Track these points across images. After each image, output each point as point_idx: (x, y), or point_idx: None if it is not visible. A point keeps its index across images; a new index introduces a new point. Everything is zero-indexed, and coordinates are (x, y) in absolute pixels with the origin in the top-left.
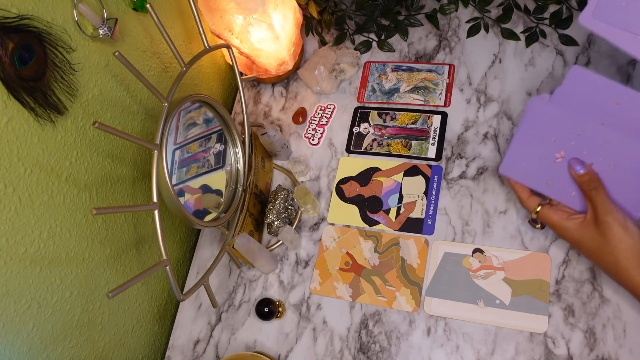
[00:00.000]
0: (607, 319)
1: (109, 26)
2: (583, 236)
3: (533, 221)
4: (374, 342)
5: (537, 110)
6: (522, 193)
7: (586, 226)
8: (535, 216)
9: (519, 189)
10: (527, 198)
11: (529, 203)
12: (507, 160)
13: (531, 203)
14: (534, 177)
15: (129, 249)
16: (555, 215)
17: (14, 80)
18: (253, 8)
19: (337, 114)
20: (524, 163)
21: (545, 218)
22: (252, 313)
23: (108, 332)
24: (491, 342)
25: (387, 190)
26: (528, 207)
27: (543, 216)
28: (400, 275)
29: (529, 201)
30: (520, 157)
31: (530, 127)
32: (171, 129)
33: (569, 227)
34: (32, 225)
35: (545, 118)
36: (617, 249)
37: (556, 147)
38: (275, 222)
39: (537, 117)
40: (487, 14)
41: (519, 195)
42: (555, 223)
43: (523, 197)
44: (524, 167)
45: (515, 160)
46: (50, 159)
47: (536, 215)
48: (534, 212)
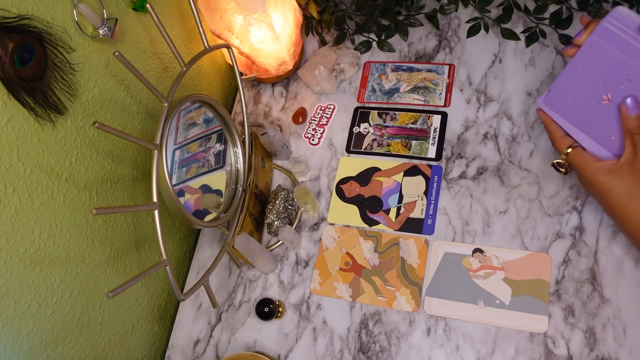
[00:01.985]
0: (607, 319)
1: (109, 26)
2: (614, 179)
3: (558, 165)
4: (374, 342)
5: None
6: (557, 131)
7: (620, 169)
8: (564, 158)
9: (554, 128)
10: (561, 137)
11: (562, 141)
12: (552, 94)
13: (564, 142)
14: (576, 114)
15: (129, 249)
16: (587, 156)
17: (14, 80)
18: (253, 8)
19: (337, 114)
20: (569, 99)
21: (576, 158)
22: (252, 313)
23: (108, 332)
24: (491, 342)
25: (387, 190)
26: (560, 145)
27: (574, 157)
28: (400, 275)
29: (562, 140)
30: (565, 93)
31: (581, 63)
32: (171, 129)
33: (601, 167)
34: (32, 225)
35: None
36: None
37: (604, 89)
38: (275, 222)
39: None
40: (487, 14)
41: (553, 133)
42: (586, 163)
43: (557, 135)
44: (568, 104)
45: (559, 96)
46: (50, 159)
47: (565, 157)
48: (564, 153)
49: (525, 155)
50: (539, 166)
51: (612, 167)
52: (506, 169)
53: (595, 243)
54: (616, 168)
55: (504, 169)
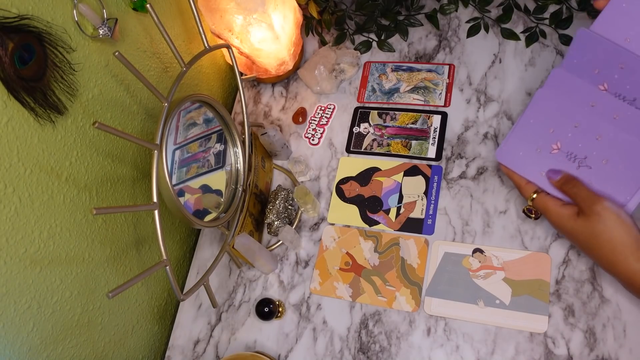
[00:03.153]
0: (607, 319)
1: (109, 26)
2: (577, 225)
3: (528, 211)
4: (374, 342)
5: (542, 99)
6: (520, 180)
7: (579, 218)
8: (531, 204)
9: (516, 176)
10: (525, 184)
11: (526, 189)
12: (505, 147)
13: (528, 189)
14: (529, 166)
15: (129, 249)
16: (551, 201)
17: (14, 80)
18: (253, 8)
19: (337, 114)
20: (521, 152)
21: (541, 204)
22: (252, 313)
23: (108, 332)
24: (491, 342)
25: (387, 190)
26: (525, 193)
27: (539, 202)
28: (400, 275)
29: (526, 187)
30: (518, 146)
31: (532, 115)
32: (171, 129)
33: (564, 214)
34: (32, 225)
35: (548, 108)
36: (613, 234)
37: (554, 138)
38: (275, 222)
39: (541, 106)
40: (487, 14)
41: (517, 182)
42: (551, 209)
43: (521, 183)
44: (520, 156)
45: (513, 148)
46: (50, 159)
47: (532, 202)
48: (530, 198)
49: None
50: None
51: (574, 216)
52: None
53: None
54: (576, 217)
55: None
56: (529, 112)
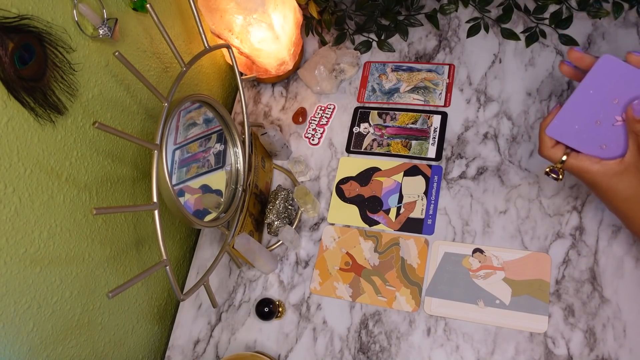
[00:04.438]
0: (607, 319)
1: (109, 26)
2: (620, 181)
3: (552, 172)
4: (374, 342)
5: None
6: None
7: (625, 170)
8: (561, 166)
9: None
10: (553, 146)
11: (554, 152)
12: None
13: (557, 151)
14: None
15: (129, 249)
16: (586, 161)
17: (14, 80)
18: (253, 8)
19: (337, 114)
20: (577, 125)
21: (573, 164)
22: (252, 313)
23: (108, 332)
24: (491, 342)
25: (387, 190)
26: (552, 156)
27: (572, 163)
28: (400, 275)
29: (554, 149)
30: (574, 118)
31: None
32: (171, 129)
33: (604, 171)
34: (32, 225)
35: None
36: None
37: (619, 109)
38: (275, 222)
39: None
40: (487, 14)
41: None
42: (586, 167)
43: (549, 145)
44: (576, 130)
45: (567, 121)
46: (50, 159)
47: (562, 165)
48: (559, 161)
49: (525, 155)
50: (539, 166)
51: (616, 169)
52: (506, 169)
53: (595, 243)
54: (620, 170)
55: (504, 169)
56: (588, 81)
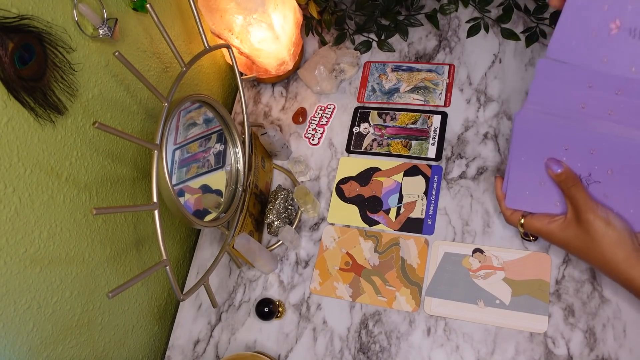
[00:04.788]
0: (607, 319)
1: (109, 26)
2: (567, 236)
3: (525, 235)
4: (374, 342)
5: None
6: (506, 210)
7: (568, 226)
8: (522, 229)
9: (503, 207)
10: (511, 214)
11: (512, 219)
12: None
13: (515, 218)
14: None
15: (129, 249)
16: (537, 222)
17: (14, 80)
18: (253, 8)
19: (337, 114)
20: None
21: (529, 227)
22: (252, 313)
23: (108, 332)
24: (491, 342)
25: (387, 190)
26: (513, 221)
27: (528, 226)
28: (400, 275)
29: (512, 217)
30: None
31: (520, 153)
32: (171, 129)
33: (553, 230)
34: (32, 225)
35: (533, 134)
36: (602, 244)
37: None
38: (275, 222)
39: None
40: (487, 14)
41: (503, 212)
42: (539, 229)
43: (507, 213)
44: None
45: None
46: (50, 159)
47: (522, 228)
48: (519, 225)
49: None
50: None
51: (562, 225)
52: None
53: None
54: (565, 226)
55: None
56: (515, 151)
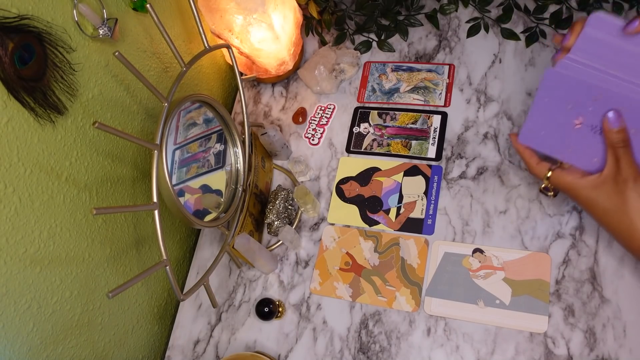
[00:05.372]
0: (607, 319)
1: (109, 26)
2: (599, 194)
3: (545, 189)
4: (374, 342)
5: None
6: (531, 159)
7: (603, 183)
8: (547, 182)
9: (527, 156)
10: (537, 164)
11: (539, 169)
12: (526, 130)
13: (541, 168)
14: (555, 144)
15: (129, 249)
16: (568, 176)
17: (14, 80)
18: (253, 8)
19: (337, 114)
20: (543, 131)
21: (557, 181)
22: (252, 313)
23: (108, 332)
24: (491, 342)
25: (387, 190)
26: (538, 173)
27: (555, 179)
28: (400, 275)
29: (538, 167)
30: (539, 126)
31: (545, 95)
32: (171, 129)
33: (584, 185)
34: (32, 225)
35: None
36: (633, 209)
37: (574, 114)
38: (275, 222)
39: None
40: (487, 14)
41: (528, 162)
42: (569, 183)
43: (532, 163)
44: (544, 135)
45: (534, 129)
46: (50, 159)
47: (547, 181)
48: (545, 177)
49: None
50: None
51: (595, 182)
52: (506, 169)
53: (595, 243)
54: (599, 183)
55: (504, 169)
56: (542, 92)
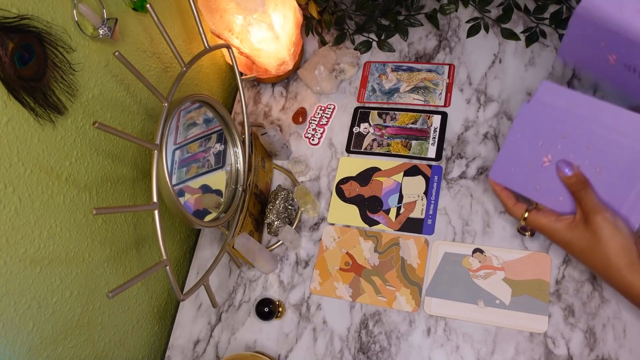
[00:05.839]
0: (607, 319)
1: (109, 26)
2: (573, 237)
3: (522, 229)
4: (374, 342)
5: (526, 114)
6: (508, 201)
7: (575, 226)
8: (524, 223)
9: (504, 197)
10: (514, 205)
11: (515, 210)
12: (497, 166)
13: (518, 210)
14: (522, 182)
15: (129, 249)
16: (544, 219)
17: (14, 80)
18: (253, 8)
19: (337, 114)
20: (513, 169)
21: (533, 223)
22: (252, 313)
23: (108, 332)
24: (491, 342)
25: (387, 190)
26: (515, 214)
27: (531, 221)
28: (400, 275)
29: (515, 208)
30: (509, 163)
31: (519, 131)
32: (171, 129)
33: (558, 228)
34: (32, 225)
35: (534, 122)
36: (607, 247)
37: (544, 151)
38: (275, 222)
39: (527, 121)
40: (487, 14)
41: (505, 204)
42: (544, 226)
43: (509, 204)
44: (513, 173)
45: (504, 166)
46: (50, 159)
47: (524, 221)
48: (522, 218)
49: None
50: None
51: (569, 225)
52: None
53: None
54: (572, 226)
55: None
56: (516, 127)
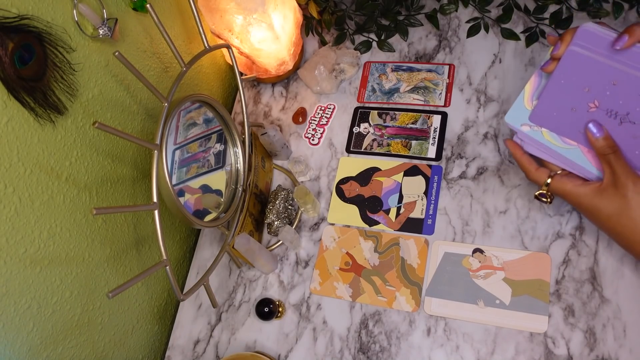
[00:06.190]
0: (607, 319)
1: (109, 26)
2: (601, 201)
3: (540, 196)
4: (374, 342)
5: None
6: (530, 166)
7: (604, 190)
8: (546, 189)
9: (525, 162)
10: (536, 170)
11: (537, 175)
12: (538, 109)
13: (540, 175)
14: (567, 125)
15: (129, 249)
16: (569, 183)
17: (14, 80)
18: (253, 8)
19: (337, 114)
20: (555, 113)
21: (557, 188)
22: (252, 313)
23: (108, 332)
24: (491, 342)
25: (387, 190)
26: (537, 179)
27: (555, 186)
28: (400, 275)
29: (537, 173)
30: (551, 107)
31: (562, 76)
32: (171, 129)
33: (585, 192)
34: (32, 225)
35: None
36: (637, 212)
37: (590, 97)
38: (275, 222)
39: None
40: (487, 14)
41: (527, 169)
42: (569, 191)
43: (531, 169)
44: (555, 116)
45: (546, 111)
46: (50, 159)
47: (547, 187)
48: (545, 184)
49: None
50: None
51: (596, 190)
52: (506, 169)
53: (595, 243)
54: (600, 190)
55: (504, 169)
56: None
